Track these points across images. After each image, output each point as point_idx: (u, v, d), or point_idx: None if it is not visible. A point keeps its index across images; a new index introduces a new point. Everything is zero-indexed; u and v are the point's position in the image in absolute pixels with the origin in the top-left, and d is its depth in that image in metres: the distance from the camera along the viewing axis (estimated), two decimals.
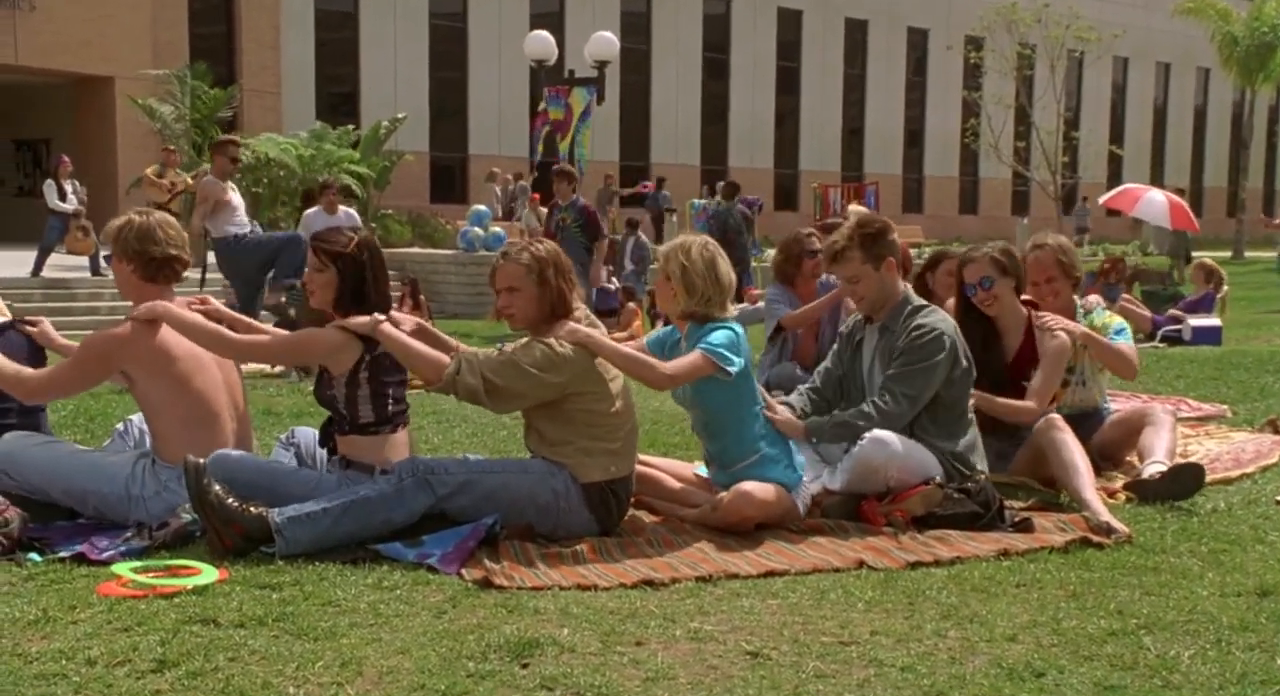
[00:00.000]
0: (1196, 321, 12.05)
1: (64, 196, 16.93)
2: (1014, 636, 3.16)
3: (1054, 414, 4.93)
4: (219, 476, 3.91)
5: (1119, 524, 4.19)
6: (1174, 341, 11.68)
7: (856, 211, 8.97)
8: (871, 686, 2.84)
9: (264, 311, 9.89)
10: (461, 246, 20.14)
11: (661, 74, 34.83)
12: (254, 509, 3.86)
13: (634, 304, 15.31)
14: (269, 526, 3.84)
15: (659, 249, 4.49)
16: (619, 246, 18.51)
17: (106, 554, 3.85)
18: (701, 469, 4.74)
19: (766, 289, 6.95)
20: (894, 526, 4.21)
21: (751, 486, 4.19)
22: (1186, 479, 4.71)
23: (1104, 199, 16.70)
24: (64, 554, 3.87)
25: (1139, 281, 16.17)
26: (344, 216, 11.83)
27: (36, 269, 16.73)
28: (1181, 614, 3.34)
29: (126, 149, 23.62)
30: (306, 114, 26.89)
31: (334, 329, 4.13)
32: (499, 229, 20.76)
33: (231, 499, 3.84)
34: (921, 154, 41.49)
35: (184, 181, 17.23)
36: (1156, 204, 15.41)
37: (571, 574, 3.72)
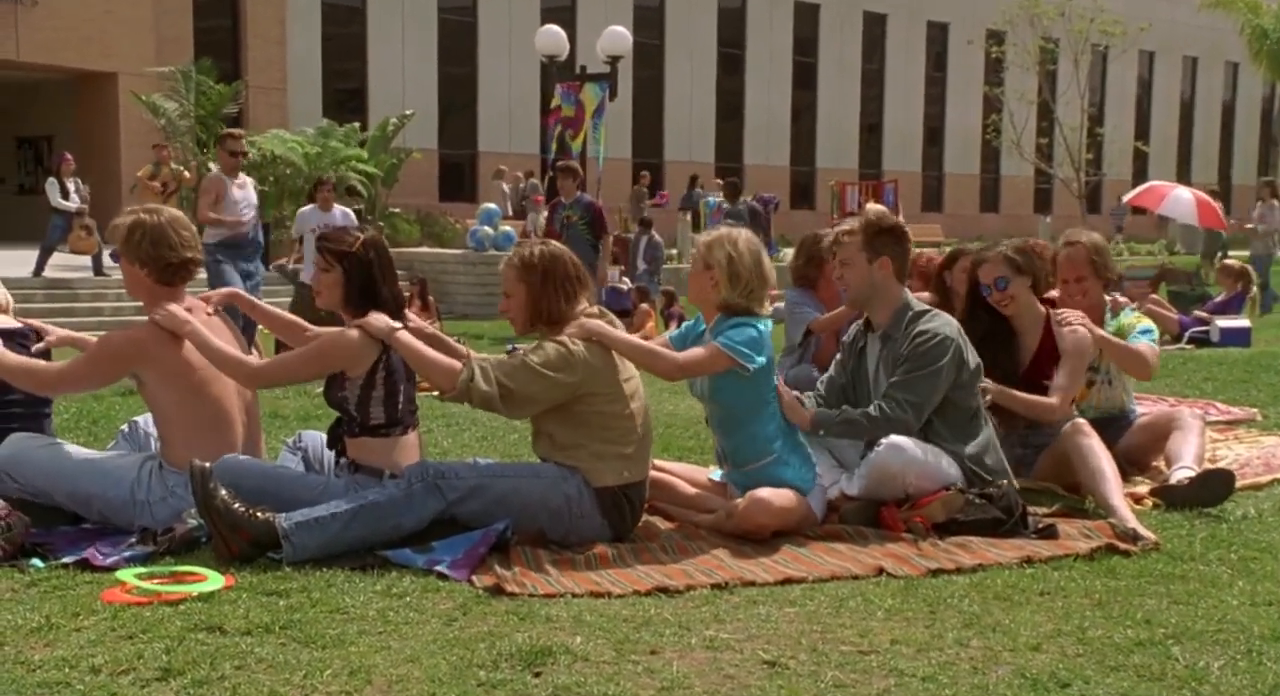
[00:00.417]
0: (1225, 322, 11.99)
1: (66, 195, 16.97)
2: (1038, 646, 3.15)
3: (1079, 418, 4.91)
4: (225, 481, 3.93)
5: (1146, 530, 4.18)
6: (1202, 343, 11.62)
7: (874, 210, 8.95)
8: None
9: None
10: (471, 246, 20.18)
11: (675, 69, 34.82)
12: (261, 514, 3.87)
13: (647, 304, 15.31)
14: (276, 532, 3.85)
15: (699, 237, 4.48)
16: (631, 246, 18.53)
17: (110, 560, 3.86)
18: (716, 473, 4.74)
19: (785, 292, 6.92)
20: (914, 532, 4.20)
21: (768, 493, 4.19)
22: (1216, 485, 4.69)
23: (1129, 197, 16.63)
24: (67, 560, 3.88)
25: (1166, 282, 16.11)
26: (339, 215, 11.63)
27: (38, 268, 16.80)
28: (1211, 623, 3.33)
29: (129, 146, 23.70)
30: (313, 110, 26.95)
31: (353, 331, 4.14)
32: (509, 228, 20.79)
33: (238, 504, 3.86)
34: (941, 151, 41.41)
35: (181, 174, 17.21)
36: (1183, 202, 15.35)
37: (584, 580, 3.72)
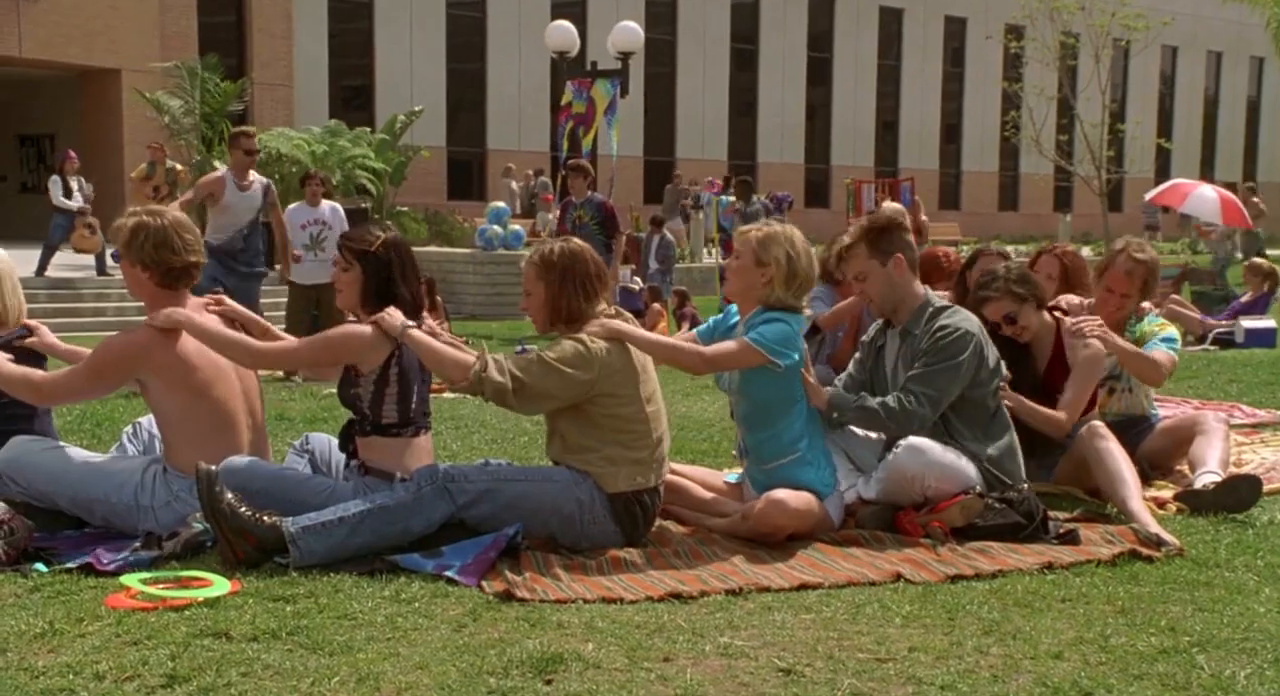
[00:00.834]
0: (1250, 323, 11.96)
1: (69, 193, 17.03)
2: (1059, 654, 3.15)
3: (1097, 421, 4.90)
4: (231, 484, 3.93)
5: (1169, 536, 4.16)
6: (1226, 344, 11.60)
7: (890, 208, 8.94)
8: None
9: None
10: (480, 245, 20.20)
11: (687, 65, 34.82)
12: (267, 518, 3.87)
13: (659, 304, 15.31)
14: (283, 536, 3.85)
15: (744, 230, 4.42)
16: (643, 245, 18.54)
17: (115, 564, 3.86)
18: (732, 476, 4.73)
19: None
20: (932, 537, 4.19)
21: (785, 494, 4.19)
22: (1242, 491, 4.67)
23: (1151, 194, 16.59)
24: (71, 564, 3.89)
25: (1189, 281, 16.07)
26: (328, 210, 11.37)
27: (41, 268, 16.86)
28: (1237, 631, 3.31)
29: (133, 144, 23.76)
30: (320, 108, 27.03)
31: (366, 326, 4.16)
32: (518, 227, 20.82)
33: (244, 508, 3.86)
34: (959, 148, 41.34)
35: (176, 171, 17.18)
36: (1207, 200, 15.30)
37: (596, 586, 3.72)
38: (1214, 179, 27.60)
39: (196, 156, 20.50)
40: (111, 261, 16.72)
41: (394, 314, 4.16)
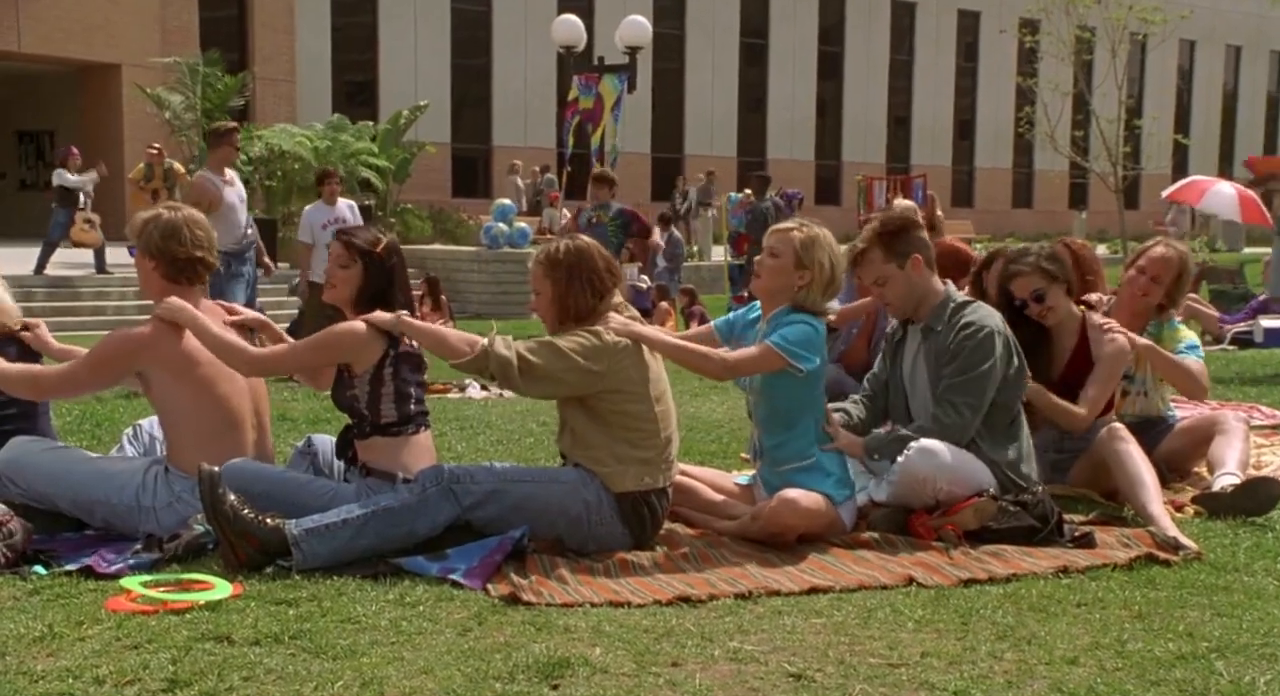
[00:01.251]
0: (1269, 322, 11.93)
1: (72, 193, 17.03)
2: (1075, 659, 3.14)
3: (1116, 423, 4.89)
4: (233, 486, 3.93)
5: (1187, 540, 4.16)
6: (1245, 344, 11.58)
7: (902, 206, 8.92)
8: None
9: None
10: (485, 243, 20.23)
11: (696, 60, 34.84)
12: (270, 520, 3.88)
13: (667, 303, 15.31)
14: (285, 539, 3.86)
15: (783, 228, 4.38)
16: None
17: (115, 567, 3.87)
18: (742, 478, 4.73)
19: None
20: (945, 541, 4.18)
21: (796, 494, 4.18)
22: (1262, 493, 4.65)
23: (1168, 192, 16.54)
24: (70, 567, 3.89)
25: (1206, 280, 16.04)
26: (345, 208, 11.46)
27: (40, 266, 16.89)
28: (1256, 636, 3.31)
29: (133, 140, 23.83)
30: (322, 104, 27.09)
31: (359, 323, 4.17)
32: (523, 224, 20.84)
33: (247, 510, 3.87)
34: (972, 144, 41.32)
35: (175, 170, 17.20)
36: (1225, 197, 15.23)
37: (603, 590, 3.72)
38: (1233, 176, 27.44)
39: (196, 153, 20.53)
40: (129, 256, 16.72)
41: (381, 313, 4.17)
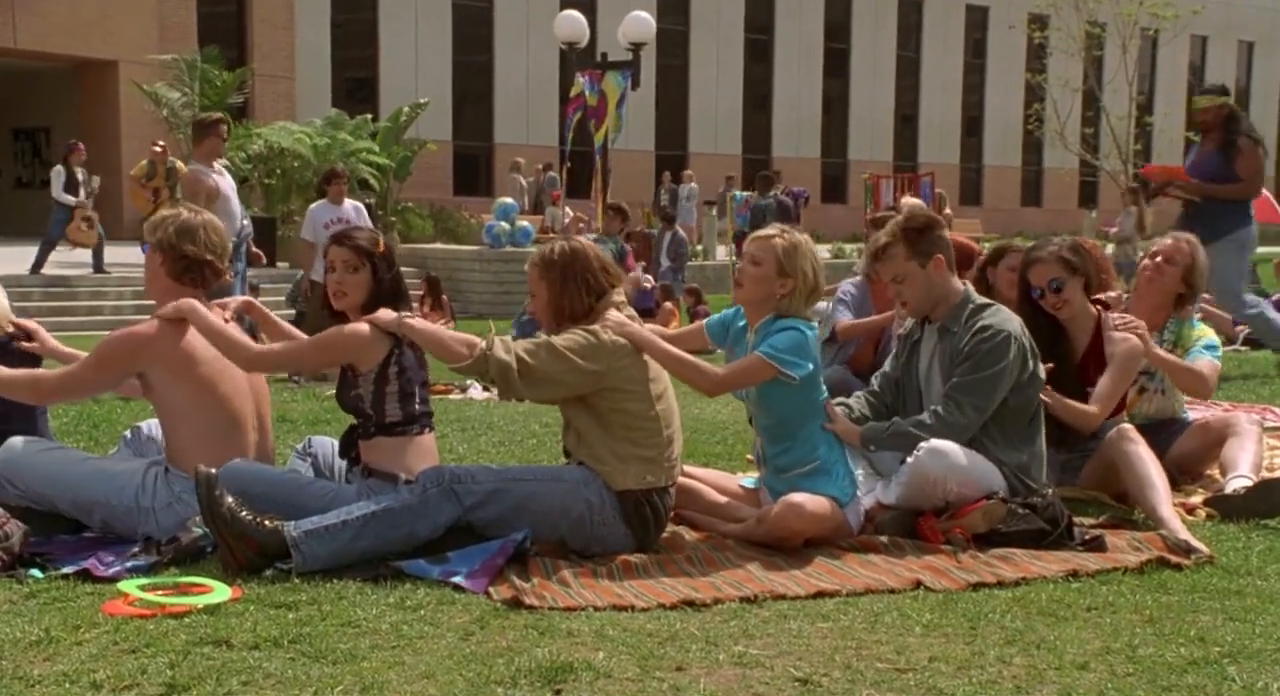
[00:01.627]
0: None
1: (74, 187, 16.93)
2: (1085, 664, 3.14)
3: (1126, 424, 4.89)
4: (232, 488, 3.94)
5: (1199, 543, 4.15)
6: (1258, 345, 11.55)
7: (910, 204, 8.92)
8: None
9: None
10: (486, 242, 20.24)
11: (700, 57, 34.84)
12: (269, 522, 3.88)
13: (671, 303, 15.31)
14: (285, 541, 3.86)
15: (764, 235, 4.36)
16: (655, 242, 18.55)
17: (112, 570, 3.88)
18: (747, 481, 4.73)
19: (841, 283, 6.93)
20: (953, 544, 4.19)
21: (802, 498, 4.18)
22: (1275, 496, 4.64)
23: None
24: (67, 570, 3.90)
25: None
26: (351, 209, 11.46)
27: (38, 265, 16.88)
28: (1270, 642, 3.30)
29: (130, 138, 23.87)
30: (322, 100, 27.08)
31: (362, 325, 4.18)
32: (526, 223, 20.84)
33: (245, 512, 3.87)
34: (981, 142, 41.28)
35: (177, 170, 17.26)
36: None
37: (607, 593, 3.72)
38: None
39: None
40: (140, 253, 16.78)
41: (385, 312, 4.19)
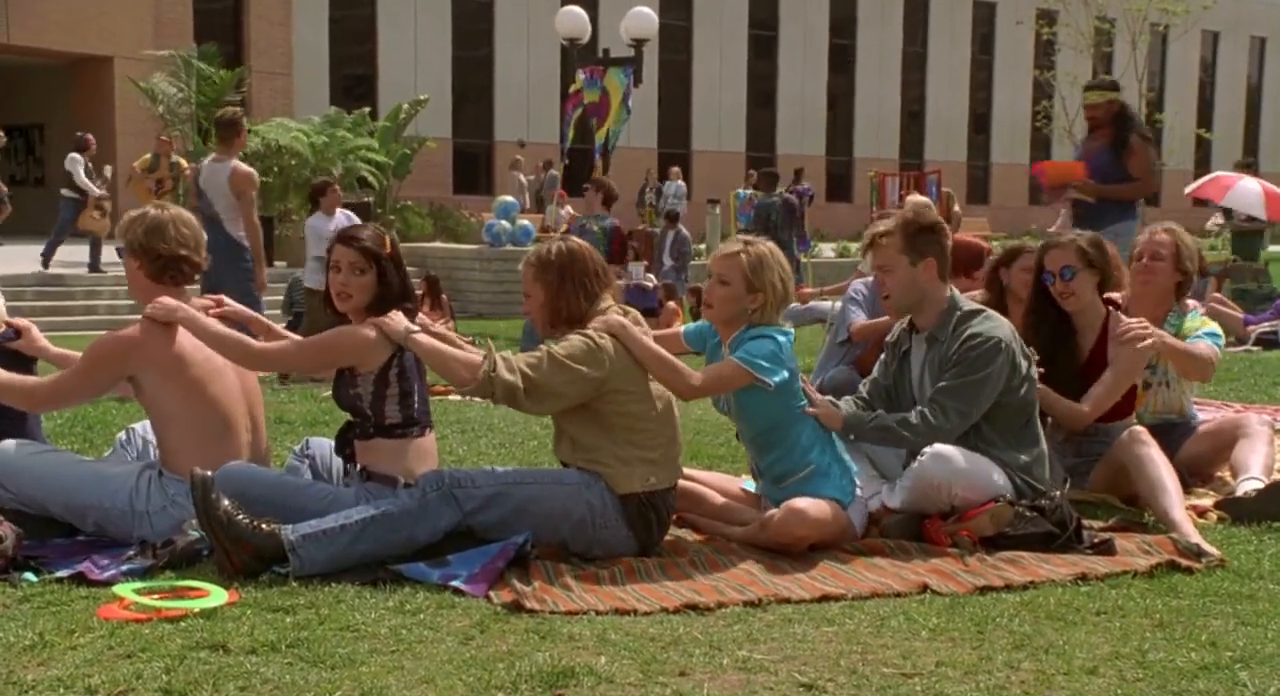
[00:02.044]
0: None
1: (93, 178, 17.36)
2: (1094, 669, 3.14)
3: (1138, 426, 4.89)
4: (228, 491, 3.94)
5: (1210, 546, 4.15)
6: (1270, 344, 11.55)
7: (916, 202, 8.89)
8: None
9: None
10: (487, 241, 20.22)
11: (704, 53, 34.83)
12: (266, 526, 3.88)
13: (674, 303, 15.30)
14: (282, 544, 3.86)
15: (727, 253, 4.33)
16: (657, 241, 18.54)
17: (107, 573, 3.88)
18: (749, 483, 4.73)
19: (852, 282, 6.96)
20: (960, 547, 4.18)
21: (804, 503, 4.18)
22: None
23: (1191, 189, 16.52)
24: (62, 573, 3.90)
25: (1230, 280, 15.99)
26: (343, 218, 11.36)
27: (46, 260, 17.02)
28: None
29: (126, 135, 23.87)
30: (320, 97, 27.09)
31: (368, 328, 4.17)
32: (526, 222, 20.83)
33: (241, 515, 3.87)
34: (988, 139, 41.26)
35: (181, 168, 17.33)
36: (1250, 193, 15.21)
37: (609, 597, 3.73)
38: (1258, 171, 27.39)
39: (191, 147, 20.56)
40: (117, 257, 16.89)
41: (397, 318, 4.18)
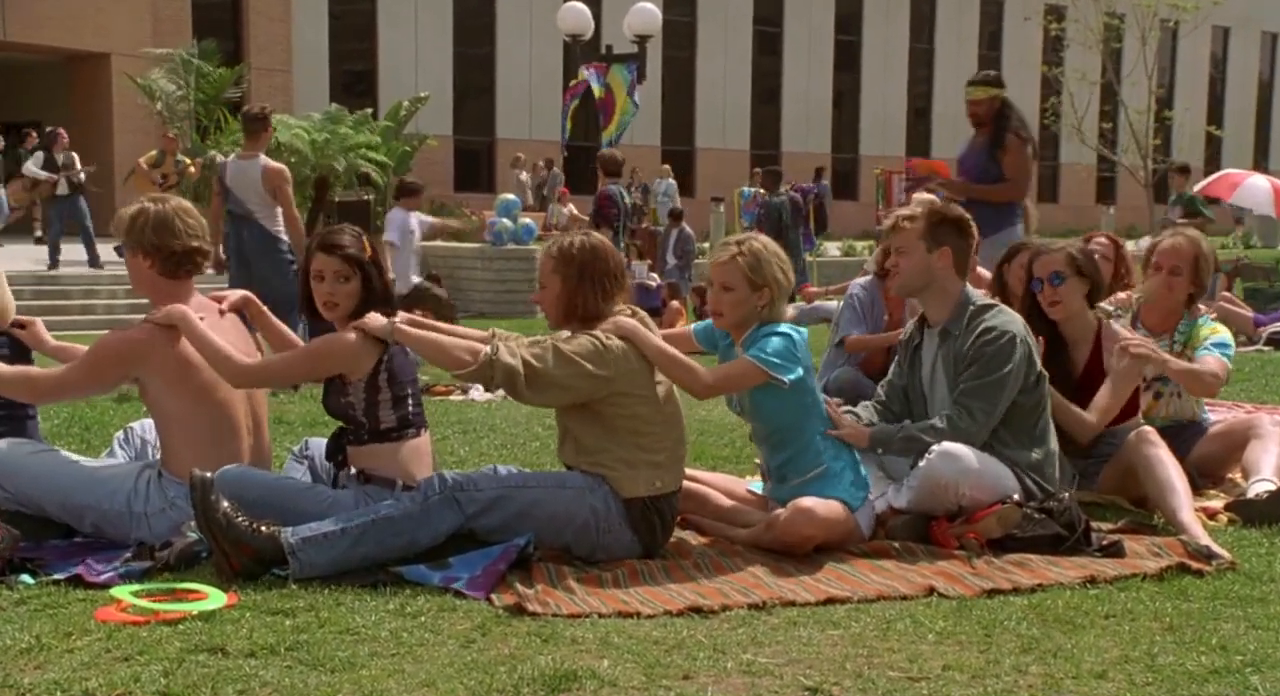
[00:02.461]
0: None
1: (55, 168, 17.46)
2: (1103, 673, 3.14)
3: (1147, 427, 4.88)
4: (227, 492, 3.94)
5: (1220, 549, 4.15)
6: None
7: (922, 200, 8.90)
8: None
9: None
10: (489, 239, 20.22)
11: (708, 49, 34.81)
12: (265, 528, 3.88)
13: (678, 302, 15.31)
14: (281, 547, 3.86)
15: (721, 260, 4.33)
16: (661, 240, 18.56)
17: (105, 576, 3.88)
18: (755, 485, 4.73)
19: (851, 283, 6.95)
20: (967, 549, 4.18)
21: (812, 503, 4.18)
22: None
23: (1200, 186, 16.51)
24: (59, 575, 3.90)
25: (1241, 278, 15.99)
26: (414, 221, 11.64)
27: (53, 262, 17.21)
28: None
29: (123, 132, 23.91)
30: (319, 94, 27.10)
31: (350, 333, 4.17)
32: (529, 220, 20.83)
33: (241, 517, 3.87)
34: None
35: (186, 167, 17.40)
36: (1259, 190, 15.21)
37: (612, 599, 3.72)
38: (1268, 169, 27.37)
39: (189, 144, 20.59)
40: (118, 255, 16.97)
41: (375, 317, 4.17)
